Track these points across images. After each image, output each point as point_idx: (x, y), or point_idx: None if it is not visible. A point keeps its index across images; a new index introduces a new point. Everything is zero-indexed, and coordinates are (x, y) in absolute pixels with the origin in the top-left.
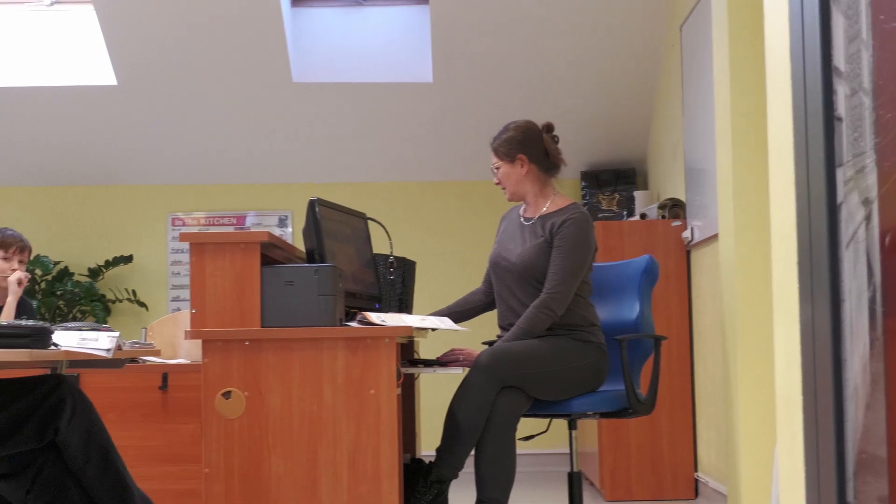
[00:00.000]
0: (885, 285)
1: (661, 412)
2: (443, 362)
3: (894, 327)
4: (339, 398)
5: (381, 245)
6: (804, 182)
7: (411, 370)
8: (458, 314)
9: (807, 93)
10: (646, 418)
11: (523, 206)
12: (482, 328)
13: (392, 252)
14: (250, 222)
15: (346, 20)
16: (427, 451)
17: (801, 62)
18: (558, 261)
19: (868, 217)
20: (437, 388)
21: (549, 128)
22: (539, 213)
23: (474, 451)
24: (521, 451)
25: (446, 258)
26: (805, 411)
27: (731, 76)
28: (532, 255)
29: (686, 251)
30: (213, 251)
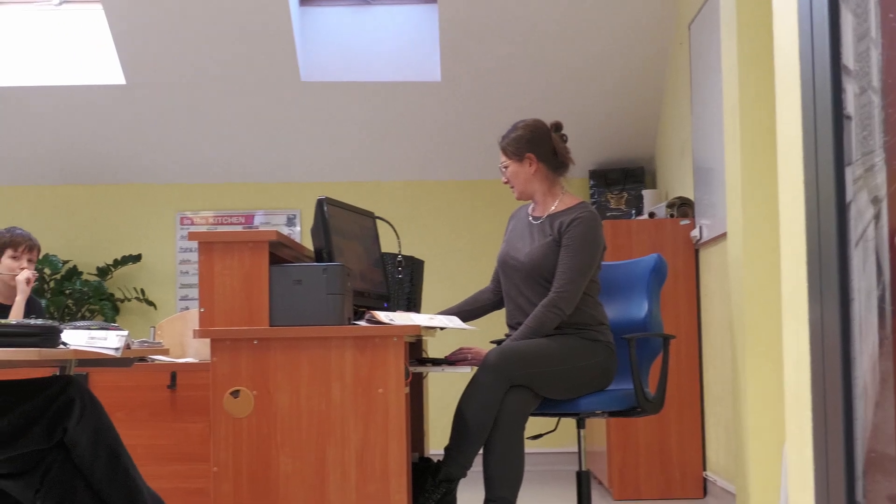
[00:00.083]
0: (895, 284)
1: (670, 411)
2: (451, 361)
3: None
4: (347, 397)
5: (389, 244)
6: (813, 181)
7: (420, 369)
8: (466, 313)
9: (816, 91)
10: (654, 417)
11: (532, 204)
12: (490, 327)
13: (400, 251)
14: (259, 221)
15: (355, 19)
16: (435, 450)
17: (810, 60)
18: (567, 260)
19: (877, 216)
20: (446, 386)
21: (557, 126)
22: (547, 212)
23: (483, 450)
24: (529, 449)
25: (455, 257)
26: (814, 410)
27: (740, 74)
28: (540, 254)
29: (694, 250)
30: (221, 250)
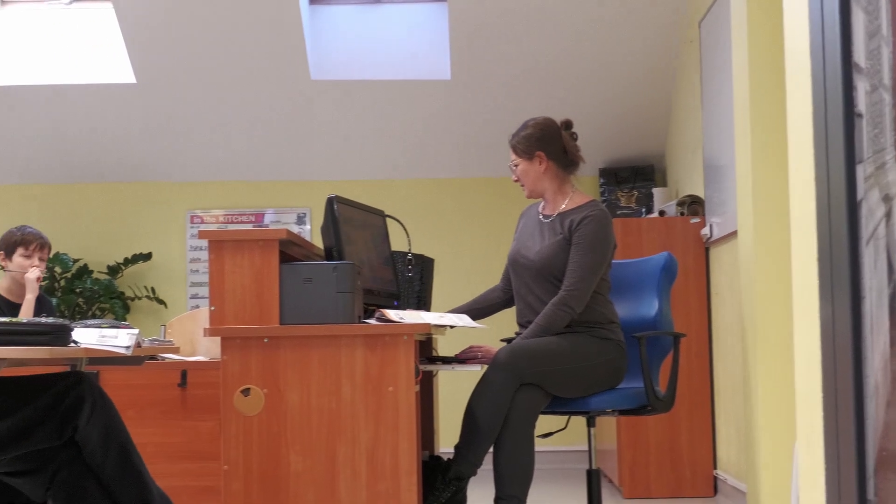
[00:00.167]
0: None
1: (680, 409)
2: (461, 359)
3: None
4: (357, 395)
5: (399, 242)
6: (824, 179)
7: (430, 367)
8: (476, 311)
9: (826, 89)
10: (665, 416)
11: (542, 203)
12: (501, 325)
13: (410, 249)
14: (269, 220)
15: (365, 18)
16: (445, 449)
17: (821, 58)
18: (577, 258)
19: (888, 214)
20: (456, 385)
21: (567, 125)
22: (558, 211)
23: (493, 449)
24: (539, 448)
25: (465, 255)
26: (825, 408)
27: (751, 72)
28: (551, 252)
29: (705, 248)
30: (231, 248)
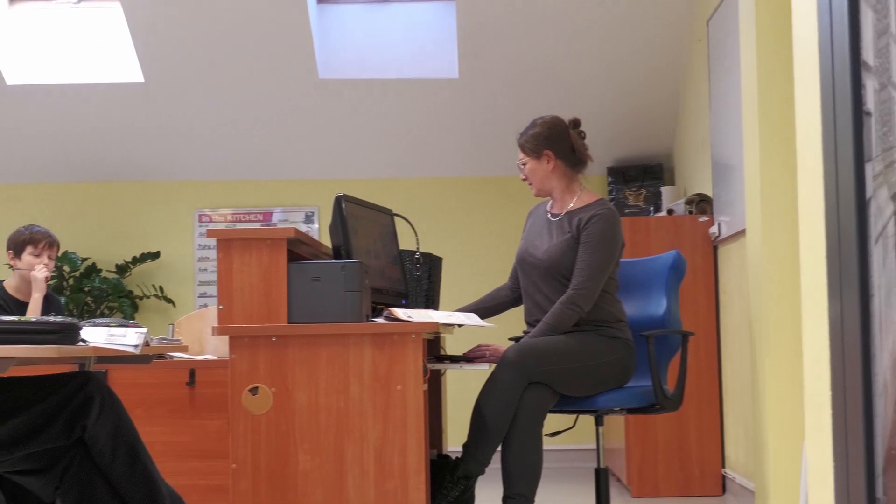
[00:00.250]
0: None
1: (689, 408)
2: (469, 358)
3: None
4: (365, 394)
5: (407, 241)
6: (832, 177)
7: (438, 366)
8: (484, 310)
9: (835, 87)
10: (673, 414)
11: (550, 201)
12: (509, 324)
13: (418, 248)
14: (277, 218)
15: (372, 17)
16: (454, 447)
17: (830, 56)
18: (585, 257)
19: None
20: (464, 383)
21: (575, 123)
22: (566, 209)
23: (501, 447)
24: (547, 446)
25: (473, 254)
26: (834, 407)
27: (759, 71)
28: (559, 251)
29: (713, 247)
30: (240, 247)
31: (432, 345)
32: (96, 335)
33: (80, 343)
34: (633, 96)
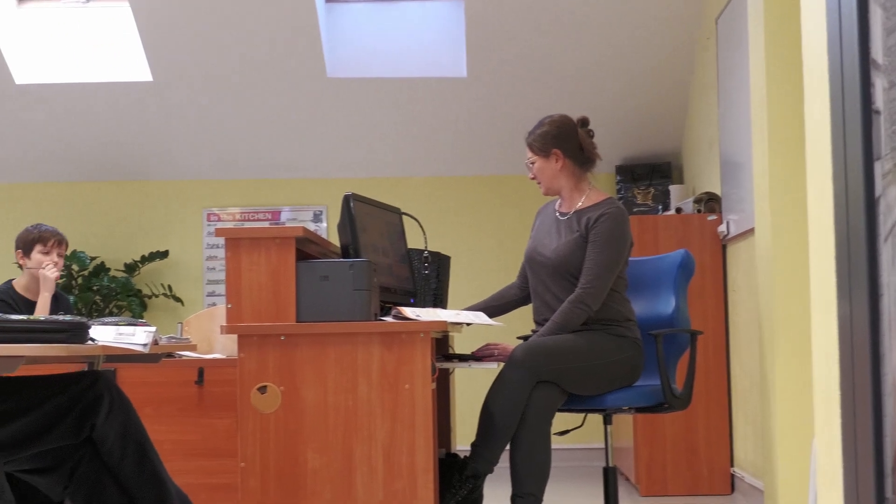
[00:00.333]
0: None
1: (697, 407)
2: (478, 357)
3: None
4: (374, 393)
5: (415, 240)
6: (842, 175)
7: (446, 365)
8: (492, 309)
9: (844, 86)
10: (681, 413)
11: (559, 200)
12: (517, 323)
13: (427, 247)
14: (285, 217)
15: (381, 15)
16: (462, 446)
17: (839, 55)
18: (594, 255)
19: None
20: (472, 382)
21: (584, 122)
22: (574, 208)
23: (509, 446)
24: (556, 445)
25: (481, 253)
26: (843, 406)
27: (768, 69)
28: (567, 250)
29: (722, 245)
30: (248, 246)
31: (441, 344)
32: (105, 334)
33: (89, 342)
34: (641, 95)
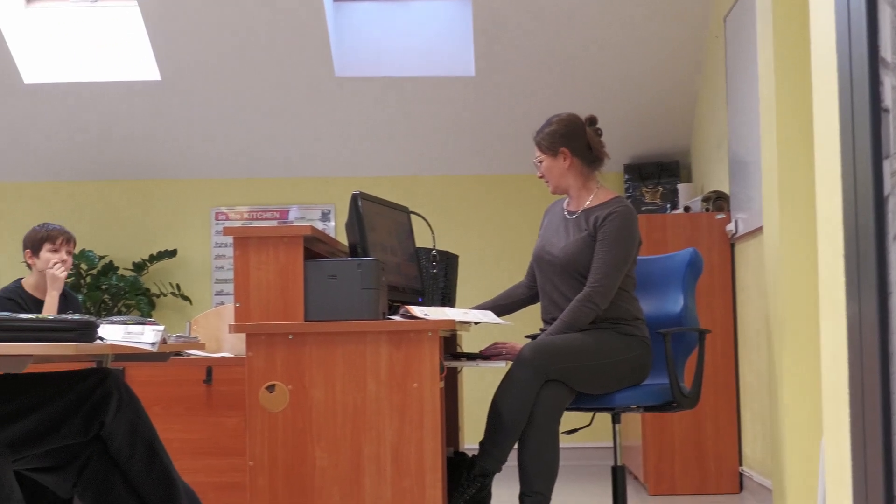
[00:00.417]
0: None
1: (706, 406)
2: (486, 356)
3: None
4: (382, 392)
5: (423, 239)
6: (850, 174)
7: (454, 364)
8: (501, 308)
9: (853, 84)
10: (690, 412)
11: (567, 199)
12: (525, 322)
13: (435, 246)
14: (293, 216)
15: (389, 14)
16: (470, 445)
17: (848, 53)
18: (602, 254)
19: None
20: (481, 381)
21: (592, 121)
22: (583, 207)
23: (518, 445)
24: (564, 444)
25: (489, 252)
26: (852, 405)
27: (776, 67)
28: (576, 248)
29: (730, 244)
30: (256, 245)
31: (449, 342)
32: (114, 333)
33: (98, 341)
34: (649, 93)
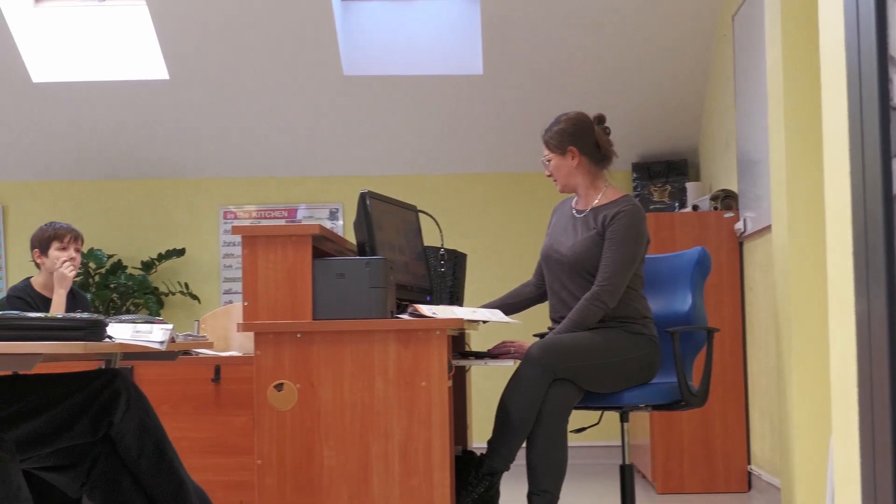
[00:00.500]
0: None
1: (714, 405)
2: (494, 354)
3: None
4: (390, 390)
5: (431, 237)
6: (859, 172)
7: (462, 362)
8: (509, 306)
9: (862, 82)
10: (698, 411)
11: (575, 198)
12: (533, 320)
13: (443, 244)
14: (301, 215)
15: (397, 13)
16: (478, 444)
17: (857, 51)
18: (610, 253)
19: None
20: (489, 380)
21: (600, 119)
22: (591, 206)
23: (526, 444)
24: (572, 443)
25: (497, 250)
26: (861, 403)
27: (785, 66)
28: (584, 247)
29: (738, 243)
30: (264, 244)
31: (457, 341)
32: (122, 332)
33: (107, 340)
34: (658, 92)
